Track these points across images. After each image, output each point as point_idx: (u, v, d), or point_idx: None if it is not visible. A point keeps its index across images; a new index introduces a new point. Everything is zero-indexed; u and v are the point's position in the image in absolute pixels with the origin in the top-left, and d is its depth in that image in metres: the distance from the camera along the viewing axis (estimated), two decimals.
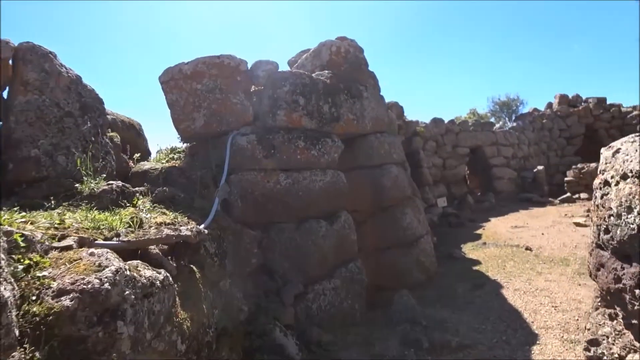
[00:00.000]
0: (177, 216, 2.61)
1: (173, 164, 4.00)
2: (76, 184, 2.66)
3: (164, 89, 4.08)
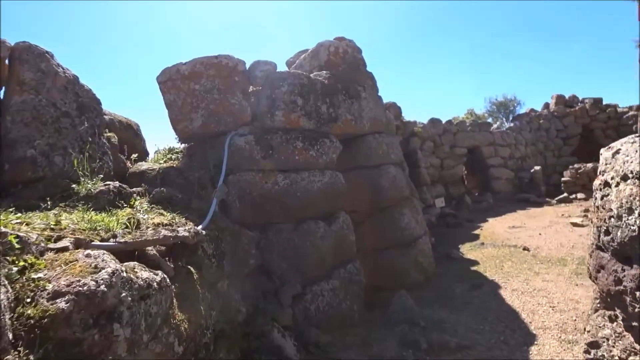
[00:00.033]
0: (174, 217, 2.60)
1: (171, 164, 3.98)
2: (73, 185, 2.64)
3: (161, 89, 4.06)
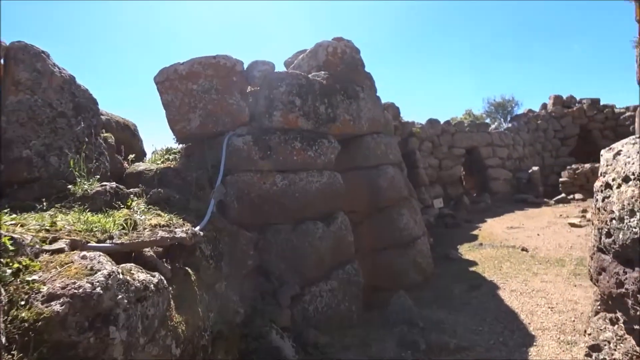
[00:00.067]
0: (172, 218, 2.58)
1: (168, 165, 3.96)
2: (69, 186, 2.61)
3: (159, 90, 4.04)
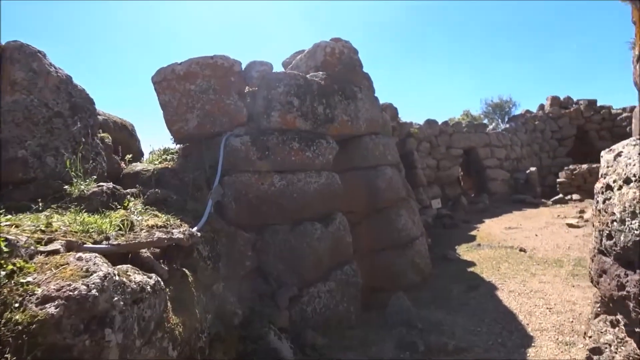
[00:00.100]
0: (169, 218, 2.56)
1: (166, 165, 3.94)
2: (65, 186, 2.59)
3: (156, 90, 4.02)
